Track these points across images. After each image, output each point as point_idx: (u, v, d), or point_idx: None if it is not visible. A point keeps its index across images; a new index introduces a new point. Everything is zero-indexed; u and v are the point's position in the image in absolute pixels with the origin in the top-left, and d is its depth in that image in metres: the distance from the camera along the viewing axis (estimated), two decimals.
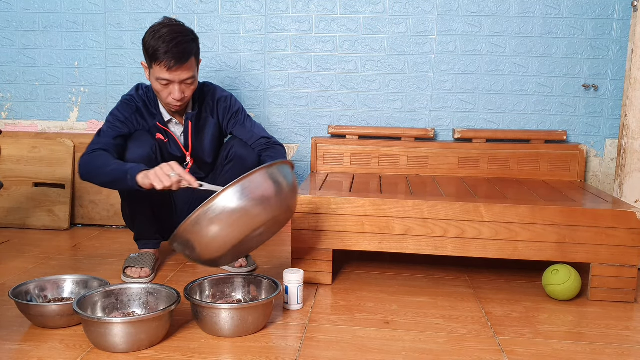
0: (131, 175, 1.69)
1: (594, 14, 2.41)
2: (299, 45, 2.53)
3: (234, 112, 2.04)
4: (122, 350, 1.38)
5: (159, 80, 1.84)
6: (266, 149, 2.01)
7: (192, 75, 1.87)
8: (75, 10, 2.60)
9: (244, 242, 1.55)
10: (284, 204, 1.58)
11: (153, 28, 1.84)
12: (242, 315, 1.48)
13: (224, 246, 1.52)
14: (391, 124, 2.55)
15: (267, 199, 1.51)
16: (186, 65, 1.83)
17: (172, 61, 1.80)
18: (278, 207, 1.55)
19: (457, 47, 2.48)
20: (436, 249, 1.84)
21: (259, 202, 1.49)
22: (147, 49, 1.83)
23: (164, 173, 1.65)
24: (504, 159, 2.44)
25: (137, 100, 1.96)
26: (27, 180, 2.57)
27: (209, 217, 1.46)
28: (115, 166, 1.75)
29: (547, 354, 1.45)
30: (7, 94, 2.69)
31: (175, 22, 1.88)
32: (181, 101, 1.89)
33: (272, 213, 1.54)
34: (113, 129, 1.89)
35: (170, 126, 2.00)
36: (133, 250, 2.12)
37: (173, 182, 1.64)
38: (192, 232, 1.48)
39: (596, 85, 2.45)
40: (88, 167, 1.80)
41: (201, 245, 1.51)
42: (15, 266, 2.04)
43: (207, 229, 1.47)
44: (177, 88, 1.85)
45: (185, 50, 1.82)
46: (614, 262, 1.79)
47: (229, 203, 1.46)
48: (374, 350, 1.44)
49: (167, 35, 1.80)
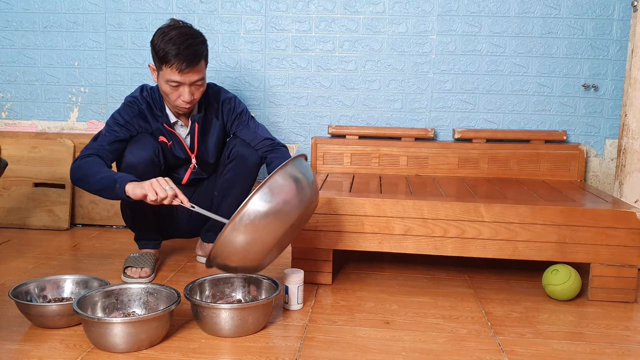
0: (120, 184, 1.69)
1: (594, 14, 2.41)
2: (299, 45, 2.53)
3: (238, 114, 2.05)
4: (122, 350, 1.38)
5: (169, 82, 1.84)
6: (271, 151, 2.01)
7: (202, 77, 1.87)
8: (75, 10, 2.60)
9: (281, 242, 1.55)
10: (308, 196, 1.57)
11: (162, 30, 1.83)
12: (242, 315, 1.48)
13: (262, 252, 1.52)
14: (391, 124, 2.55)
15: (292, 197, 1.50)
16: (197, 68, 1.84)
17: (183, 63, 1.79)
18: (304, 202, 1.54)
19: (457, 47, 2.48)
20: (436, 249, 1.84)
21: (285, 203, 1.48)
22: (157, 51, 1.82)
23: (159, 185, 1.65)
24: (504, 159, 2.44)
25: (140, 102, 1.96)
26: (27, 180, 2.57)
27: (241, 227, 1.45)
28: (105, 174, 1.74)
29: (547, 354, 1.45)
30: (7, 94, 2.69)
31: (183, 24, 1.87)
32: (190, 103, 1.89)
33: (300, 209, 1.53)
34: (111, 133, 1.89)
35: (175, 128, 2.00)
36: (133, 250, 2.12)
37: (168, 196, 1.64)
38: (225, 249, 1.48)
39: (596, 85, 2.45)
40: (78, 173, 1.80)
41: (240, 258, 1.51)
42: (15, 266, 2.04)
43: (240, 242, 1.47)
44: (187, 90, 1.85)
45: (196, 52, 1.82)
46: (614, 262, 1.79)
47: (259, 208, 1.45)
48: (374, 350, 1.44)
49: (177, 37, 1.80)
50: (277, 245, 1.54)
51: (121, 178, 1.71)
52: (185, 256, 2.20)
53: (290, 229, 1.53)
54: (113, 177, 1.72)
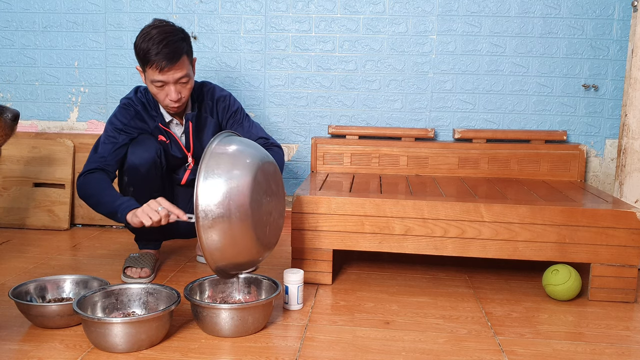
0: (121, 214, 1.72)
1: (594, 14, 2.41)
2: (299, 45, 2.53)
3: (233, 112, 2.05)
4: (122, 350, 1.38)
5: (153, 82, 1.84)
6: None
7: (186, 74, 1.86)
8: (75, 10, 2.60)
9: (260, 230, 1.55)
10: (251, 157, 1.58)
11: (143, 31, 1.84)
12: (242, 315, 1.48)
13: (248, 234, 1.53)
14: (391, 124, 2.55)
15: (234, 166, 1.53)
16: (178, 65, 1.82)
17: (163, 62, 1.79)
18: (250, 162, 1.55)
19: (457, 47, 2.48)
20: (436, 249, 1.84)
21: (230, 177, 1.51)
22: (138, 53, 1.83)
23: (151, 209, 1.66)
24: (504, 159, 2.44)
25: (135, 103, 1.96)
26: (27, 180, 2.57)
27: (208, 224, 1.48)
28: (107, 199, 1.77)
29: (547, 354, 1.45)
30: (7, 94, 2.69)
31: (164, 22, 1.86)
32: (178, 101, 1.88)
33: (250, 169, 1.54)
34: (110, 141, 1.90)
35: (171, 127, 2.00)
36: (133, 250, 2.12)
37: (162, 217, 1.65)
38: (215, 252, 1.52)
39: (596, 85, 2.45)
40: (83, 192, 1.84)
41: (234, 251, 1.54)
42: (15, 266, 2.04)
43: (218, 238, 1.49)
44: (172, 89, 1.85)
45: (175, 49, 1.81)
46: (614, 262, 1.79)
47: (210, 201, 1.48)
48: (374, 350, 1.44)
49: (157, 36, 1.80)
50: (259, 221, 1.54)
51: (121, 207, 1.73)
52: (185, 256, 2.20)
53: (256, 193, 1.53)
54: (114, 204, 1.75)
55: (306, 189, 2.00)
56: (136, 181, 1.89)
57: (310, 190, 2.00)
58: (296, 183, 2.61)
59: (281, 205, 1.70)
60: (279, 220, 1.68)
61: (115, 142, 1.89)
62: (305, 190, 1.97)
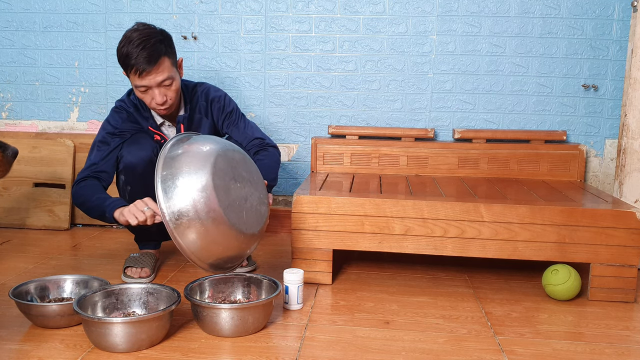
0: (109, 212, 1.72)
1: (594, 14, 2.41)
2: (299, 45, 2.53)
3: (228, 112, 2.04)
4: (122, 350, 1.38)
5: (137, 88, 1.83)
6: (259, 151, 2.00)
7: (169, 76, 1.83)
8: (75, 10, 2.60)
9: (234, 215, 1.54)
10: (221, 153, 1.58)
11: (124, 35, 1.82)
12: (242, 315, 1.48)
13: (228, 238, 1.54)
14: (391, 124, 2.55)
15: (191, 166, 1.53)
16: (158, 68, 1.80)
17: (141, 66, 1.77)
18: (205, 157, 1.55)
19: (457, 47, 2.48)
20: (436, 249, 1.85)
21: (185, 174, 1.51)
22: (120, 58, 1.81)
23: (137, 209, 1.65)
24: (503, 159, 2.44)
25: (128, 105, 1.95)
26: (27, 180, 2.57)
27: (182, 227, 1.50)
28: (96, 202, 1.76)
29: (547, 354, 1.45)
30: (7, 94, 2.69)
31: (145, 25, 1.84)
32: (165, 104, 1.87)
33: (208, 160, 1.54)
34: (103, 146, 1.89)
35: (163, 129, 1.99)
36: (133, 250, 2.12)
37: (147, 217, 1.64)
38: (198, 251, 1.53)
39: (596, 85, 2.45)
40: (76, 200, 1.84)
41: (219, 247, 1.56)
42: (15, 266, 2.04)
43: (195, 237, 1.51)
44: (157, 92, 1.83)
45: (153, 52, 1.78)
46: (614, 262, 1.79)
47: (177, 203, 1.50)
48: (374, 350, 1.45)
49: (136, 40, 1.78)
50: (231, 206, 1.54)
51: (109, 206, 1.72)
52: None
53: (219, 178, 1.52)
54: (103, 205, 1.74)
55: (306, 189, 2.00)
56: (133, 180, 1.89)
57: (310, 190, 2.00)
58: (296, 183, 2.61)
59: (260, 192, 1.67)
60: (259, 207, 1.65)
61: (108, 147, 1.89)
62: (305, 190, 1.97)
